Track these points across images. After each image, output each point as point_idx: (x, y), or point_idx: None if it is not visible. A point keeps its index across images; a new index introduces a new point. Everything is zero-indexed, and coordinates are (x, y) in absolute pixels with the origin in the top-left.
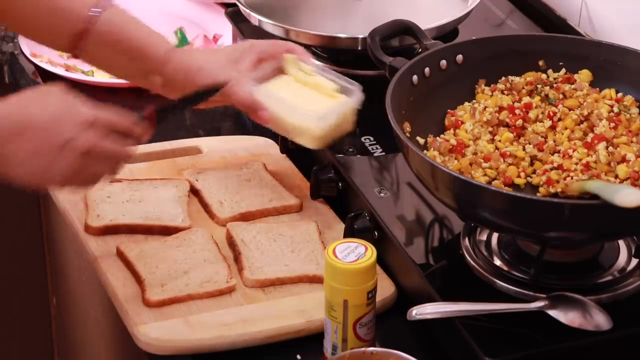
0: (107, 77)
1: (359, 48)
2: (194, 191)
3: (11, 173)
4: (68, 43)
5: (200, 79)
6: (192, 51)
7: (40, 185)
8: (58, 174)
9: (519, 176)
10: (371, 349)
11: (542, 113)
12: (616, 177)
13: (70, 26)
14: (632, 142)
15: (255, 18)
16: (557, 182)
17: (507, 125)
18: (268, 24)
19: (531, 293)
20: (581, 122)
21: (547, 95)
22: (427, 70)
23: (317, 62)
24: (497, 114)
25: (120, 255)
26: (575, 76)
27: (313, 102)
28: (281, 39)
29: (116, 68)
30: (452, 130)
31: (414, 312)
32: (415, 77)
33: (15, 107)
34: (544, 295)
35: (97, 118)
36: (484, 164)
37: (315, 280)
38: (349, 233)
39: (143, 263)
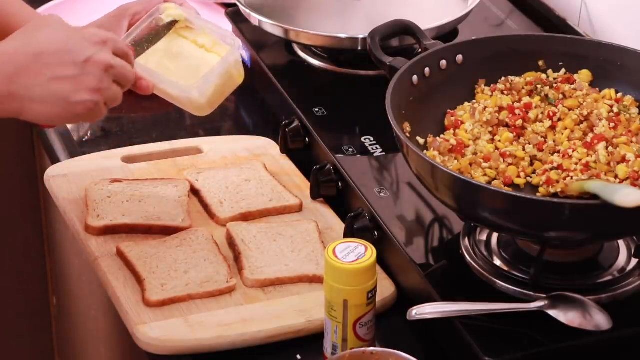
0: None
1: (359, 48)
2: (194, 191)
3: (33, 108)
4: None
5: None
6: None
7: (63, 116)
8: (85, 92)
9: (519, 176)
10: (371, 349)
11: (542, 113)
12: (616, 177)
13: None
14: (631, 142)
15: (255, 18)
16: (557, 182)
17: (507, 125)
18: (268, 24)
19: (531, 293)
20: (581, 122)
21: (547, 95)
22: (427, 70)
23: (194, 11)
24: (497, 114)
25: (120, 255)
26: (575, 76)
27: (194, 64)
28: (281, 38)
29: None
30: (452, 130)
31: (414, 312)
32: (415, 77)
33: (24, 41)
34: (544, 295)
35: (108, 38)
36: (484, 164)
37: (315, 280)
38: (349, 233)
39: (143, 263)
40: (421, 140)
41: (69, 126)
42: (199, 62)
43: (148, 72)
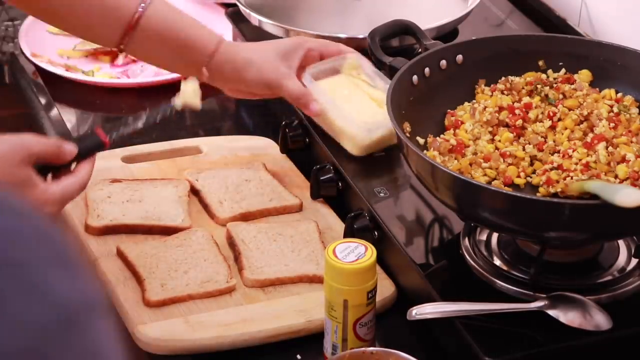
0: (107, 77)
1: (359, 48)
2: (194, 191)
3: None
4: (115, 39)
5: (248, 73)
6: (240, 45)
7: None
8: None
9: (519, 176)
10: (371, 348)
11: (542, 113)
12: (616, 177)
13: (118, 22)
14: (631, 142)
15: (255, 18)
16: (557, 182)
17: (507, 125)
18: (268, 24)
19: (531, 293)
20: (581, 122)
21: (547, 95)
22: (427, 70)
23: (374, 69)
24: (497, 114)
25: (120, 255)
26: (575, 76)
27: (365, 109)
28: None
29: (162, 61)
30: (452, 130)
31: (414, 312)
32: (415, 77)
33: None
34: (544, 295)
35: (50, 191)
36: (484, 164)
37: (315, 280)
38: (349, 233)
39: (143, 263)
40: (421, 140)
41: (69, 126)
42: (370, 114)
43: (325, 98)
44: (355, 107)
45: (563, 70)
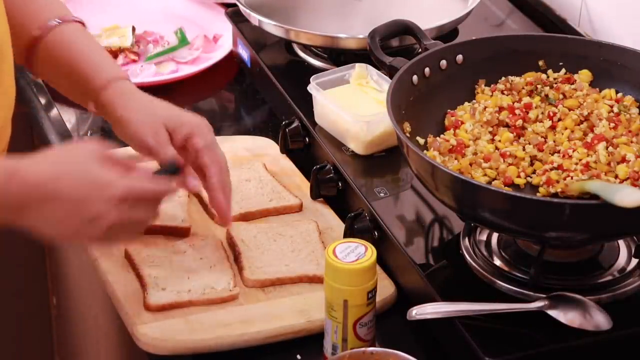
0: None
1: (359, 48)
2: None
3: (37, 231)
4: (22, 57)
5: (120, 131)
6: (133, 96)
7: (66, 243)
8: (85, 240)
9: (519, 176)
10: (371, 349)
11: (542, 113)
12: (616, 177)
13: (21, 41)
14: (632, 142)
15: (255, 18)
16: (557, 182)
17: (507, 125)
18: (268, 24)
19: (531, 293)
20: (581, 122)
21: (547, 96)
22: (427, 70)
23: (381, 75)
24: (497, 114)
25: (128, 257)
26: (575, 76)
27: (370, 110)
28: (281, 38)
29: (60, 87)
30: (452, 130)
31: (414, 312)
32: (415, 77)
33: (46, 176)
34: (544, 295)
35: (129, 192)
36: (484, 164)
37: (315, 280)
38: (349, 233)
39: (148, 266)
40: (421, 140)
41: (69, 126)
42: (373, 113)
43: (329, 101)
44: (360, 108)
45: (563, 70)
